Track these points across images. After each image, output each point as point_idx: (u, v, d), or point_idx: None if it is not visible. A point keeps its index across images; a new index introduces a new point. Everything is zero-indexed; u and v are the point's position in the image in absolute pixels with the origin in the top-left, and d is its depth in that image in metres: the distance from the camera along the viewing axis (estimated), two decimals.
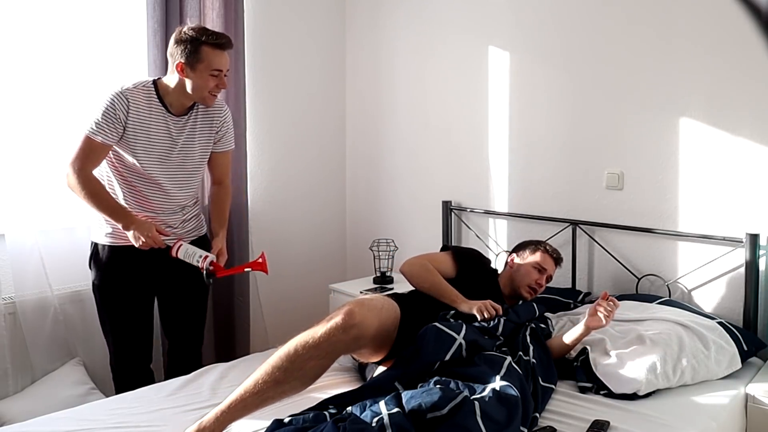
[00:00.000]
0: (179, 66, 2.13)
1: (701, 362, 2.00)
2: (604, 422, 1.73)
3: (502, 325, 2.10)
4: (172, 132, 2.24)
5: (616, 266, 2.60)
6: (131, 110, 2.15)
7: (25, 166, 2.50)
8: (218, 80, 2.18)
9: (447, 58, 3.12)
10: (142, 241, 2.12)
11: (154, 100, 2.20)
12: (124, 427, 1.74)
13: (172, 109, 2.23)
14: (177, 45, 2.13)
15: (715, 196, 2.35)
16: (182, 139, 2.26)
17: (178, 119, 2.25)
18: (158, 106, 2.21)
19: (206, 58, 2.13)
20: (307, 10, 3.39)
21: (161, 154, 2.23)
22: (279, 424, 1.62)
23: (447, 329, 1.92)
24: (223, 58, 2.17)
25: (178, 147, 2.26)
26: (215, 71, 2.16)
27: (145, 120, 2.18)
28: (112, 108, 2.12)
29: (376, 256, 3.19)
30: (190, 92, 2.19)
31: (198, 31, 2.13)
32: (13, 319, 2.46)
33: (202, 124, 2.32)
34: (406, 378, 1.81)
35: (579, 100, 2.67)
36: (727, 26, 2.25)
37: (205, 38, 2.12)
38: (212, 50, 2.14)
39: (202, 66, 2.13)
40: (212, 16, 2.84)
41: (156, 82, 2.23)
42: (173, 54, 2.15)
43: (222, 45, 2.16)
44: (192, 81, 2.16)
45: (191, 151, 2.31)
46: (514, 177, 2.92)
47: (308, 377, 1.74)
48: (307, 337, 1.73)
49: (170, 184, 2.28)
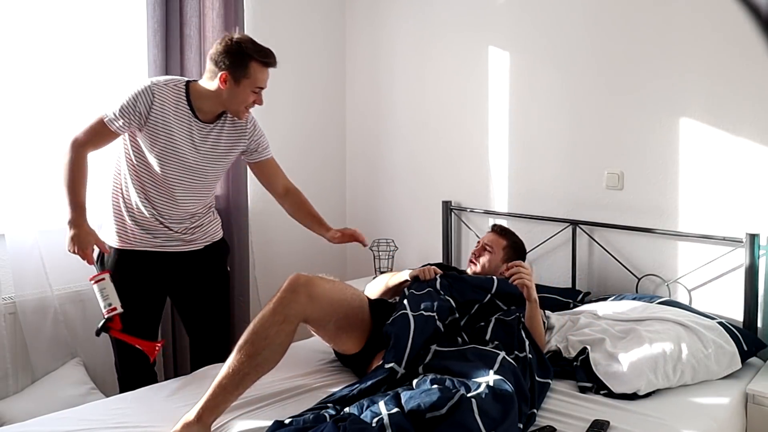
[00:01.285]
0: (223, 77, 2.07)
1: (701, 362, 2.00)
2: (604, 422, 1.73)
3: (438, 281, 2.20)
4: (195, 137, 2.17)
5: (616, 266, 2.60)
6: (155, 106, 2.09)
7: (25, 166, 2.50)
8: (257, 97, 2.15)
9: (447, 58, 3.12)
10: (74, 250, 2.08)
11: (183, 101, 2.14)
12: (124, 427, 1.74)
13: (200, 115, 2.17)
14: (225, 54, 2.06)
15: (715, 196, 2.35)
16: (205, 146, 2.20)
17: (204, 125, 2.19)
18: (185, 109, 2.14)
19: (253, 74, 2.08)
20: (307, 11, 3.39)
21: (180, 158, 2.16)
22: (279, 424, 1.62)
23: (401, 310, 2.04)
24: (267, 75, 2.14)
25: (198, 154, 2.19)
26: (258, 88, 2.12)
27: (169, 119, 2.12)
28: (134, 100, 2.07)
29: (376, 256, 3.19)
30: (226, 103, 2.14)
31: (248, 44, 2.07)
32: (13, 319, 2.46)
33: (228, 135, 2.25)
34: (398, 356, 1.87)
35: (579, 100, 2.67)
36: (727, 26, 2.25)
37: (255, 54, 2.07)
38: (260, 67, 2.09)
39: (247, 81, 2.09)
40: (212, 16, 2.84)
41: (189, 84, 2.17)
42: (218, 62, 2.07)
43: (270, 64, 2.12)
44: (231, 93, 2.10)
45: (211, 160, 2.23)
46: (514, 177, 2.92)
47: (275, 345, 1.77)
48: (263, 309, 1.82)
49: (182, 191, 2.21)
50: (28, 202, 2.50)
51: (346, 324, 2.01)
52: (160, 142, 2.13)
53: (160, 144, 2.14)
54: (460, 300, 2.17)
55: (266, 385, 1.98)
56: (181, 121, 2.14)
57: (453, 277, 2.26)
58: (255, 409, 1.84)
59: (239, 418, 1.79)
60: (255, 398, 1.89)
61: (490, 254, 2.46)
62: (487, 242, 2.49)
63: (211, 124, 2.21)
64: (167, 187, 2.19)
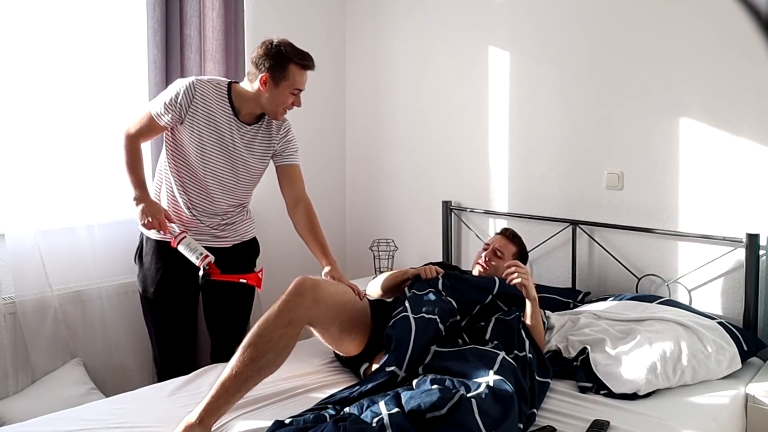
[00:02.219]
0: (263, 78, 2.15)
1: (701, 362, 2.00)
2: (604, 422, 1.73)
3: (440, 281, 2.19)
4: (235, 137, 2.25)
5: (616, 266, 2.60)
6: (195, 100, 2.18)
7: (25, 166, 2.49)
8: (295, 99, 2.22)
9: (447, 58, 3.12)
10: (148, 220, 2.15)
11: (225, 100, 2.22)
12: (124, 427, 1.74)
13: (240, 116, 2.25)
14: (265, 57, 2.14)
15: (715, 196, 2.35)
16: (241, 146, 2.27)
17: (243, 126, 2.27)
18: (227, 108, 2.23)
19: (291, 76, 2.16)
20: (307, 11, 3.39)
21: (218, 154, 2.24)
22: (279, 424, 1.62)
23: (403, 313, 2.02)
24: (305, 78, 2.21)
25: (236, 153, 2.27)
26: (296, 90, 2.20)
27: (210, 115, 2.21)
28: (176, 94, 2.17)
29: (376, 256, 3.19)
30: (265, 105, 2.21)
31: (287, 48, 2.16)
32: (13, 319, 2.46)
33: (263, 136, 2.32)
34: (399, 360, 1.86)
35: (579, 100, 2.67)
36: (727, 27, 2.25)
37: (294, 57, 2.15)
38: (299, 70, 2.17)
39: (286, 83, 2.16)
40: (212, 16, 2.84)
41: (230, 84, 2.25)
42: (259, 65, 2.16)
43: (308, 66, 2.19)
44: (271, 95, 2.18)
45: (246, 160, 2.30)
46: (514, 177, 2.92)
47: (279, 348, 1.76)
48: (268, 312, 1.80)
49: (216, 186, 2.29)
50: (28, 202, 2.50)
51: (349, 326, 2.01)
52: (201, 135, 2.22)
53: (199, 137, 2.22)
54: (462, 301, 2.17)
55: (266, 385, 1.98)
56: (221, 119, 2.23)
57: (455, 278, 2.25)
58: (255, 409, 1.84)
59: (239, 418, 1.79)
60: (255, 398, 1.89)
61: (500, 260, 2.44)
62: (499, 247, 2.47)
63: (249, 126, 2.28)
64: (202, 180, 2.27)
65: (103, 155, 2.70)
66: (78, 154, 2.62)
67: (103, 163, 2.70)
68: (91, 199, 2.66)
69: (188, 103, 2.17)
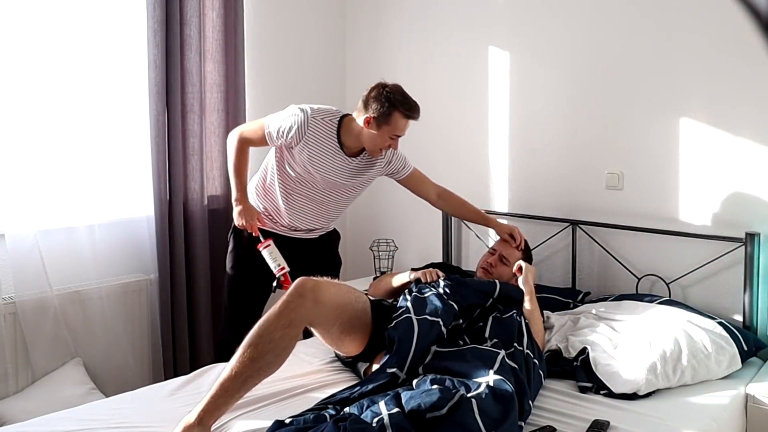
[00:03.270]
0: (367, 120, 2.25)
1: (701, 362, 2.00)
2: (604, 422, 1.73)
3: (442, 284, 2.18)
4: (338, 166, 2.36)
5: (616, 266, 2.60)
6: (307, 135, 2.28)
7: (25, 166, 2.50)
8: (393, 142, 2.31)
9: (447, 58, 3.12)
10: (242, 222, 2.34)
11: (333, 137, 2.32)
12: (124, 427, 1.74)
13: (346, 149, 2.35)
14: (375, 101, 2.23)
15: (715, 196, 2.35)
16: (341, 177, 2.38)
17: (347, 158, 2.37)
18: (334, 143, 2.33)
19: (395, 123, 2.25)
20: (307, 10, 3.39)
21: (320, 179, 2.36)
22: (280, 424, 1.62)
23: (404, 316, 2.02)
24: (407, 125, 2.30)
25: (336, 178, 2.38)
26: (395, 135, 2.29)
27: (316, 149, 2.31)
28: (289, 128, 2.27)
29: (376, 256, 3.19)
30: (365, 142, 2.31)
31: (397, 95, 2.24)
32: (13, 319, 2.46)
33: (365, 166, 2.43)
34: (401, 362, 1.87)
35: (579, 100, 2.67)
36: (727, 27, 2.25)
37: (401, 106, 2.24)
38: (403, 119, 2.26)
39: (388, 128, 2.25)
40: (212, 16, 2.84)
41: (343, 119, 2.34)
42: (368, 106, 2.25)
43: (413, 117, 2.29)
44: (371, 135, 2.27)
45: (343, 188, 2.43)
46: (514, 177, 2.92)
47: (279, 349, 1.76)
48: (269, 312, 1.80)
49: (313, 205, 2.43)
50: (28, 202, 2.50)
51: (349, 327, 2.00)
52: (309, 159, 2.31)
53: (307, 160, 2.32)
54: (463, 305, 2.15)
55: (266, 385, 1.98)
56: (327, 154, 2.33)
57: (456, 281, 2.25)
58: (255, 409, 1.84)
59: (239, 418, 1.79)
60: (255, 398, 1.89)
61: (506, 267, 2.42)
62: (505, 255, 2.45)
63: (353, 158, 2.39)
64: (300, 195, 2.41)
65: (103, 155, 2.70)
66: (78, 154, 2.62)
67: (103, 163, 2.70)
68: (91, 199, 2.66)
69: (300, 137, 2.27)
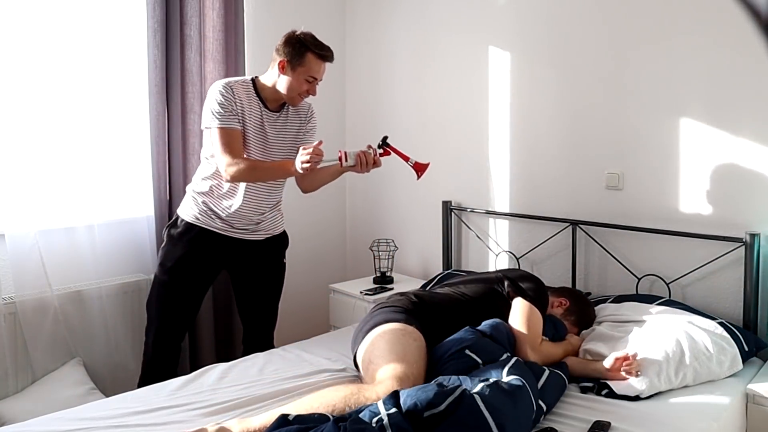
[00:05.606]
0: (282, 63, 2.28)
1: (703, 364, 1.99)
2: (605, 423, 1.73)
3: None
4: (266, 126, 2.37)
5: (616, 266, 2.60)
6: (236, 98, 2.29)
7: (25, 166, 2.50)
8: (310, 86, 2.33)
9: (447, 58, 3.12)
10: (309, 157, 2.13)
11: (253, 94, 2.35)
12: (124, 427, 1.74)
13: (268, 104, 2.38)
14: (286, 45, 2.28)
15: (715, 196, 2.35)
16: (274, 133, 2.39)
17: (272, 114, 2.39)
18: (256, 101, 2.35)
19: (308, 63, 2.28)
20: (307, 11, 3.39)
21: (256, 148, 2.34)
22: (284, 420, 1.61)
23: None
24: (321, 67, 2.32)
25: (269, 141, 2.37)
26: (311, 77, 2.31)
27: (246, 112, 2.31)
28: (222, 97, 2.26)
29: (376, 256, 3.19)
30: (283, 90, 2.32)
31: (308, 38, 2.30)
32: (13, 319, 2.46)
33: (291, 121, 2.45)
34: None
35: (579, 100, 2.67)
36: (727, 27, 2.25)
37: (313, 46, 2.28)
38: (315, 59, 2.29)
39: (301, 69, 2.29)
40: (212, 16, 2.84)
41: (254, 79, 2.38)
42: (279, 51, 2.29)
43: (325, 57, 2.31)
44: (288, 80, 2.30)
45: (281, 148, 2.41)
46: (514, 177, 2.92)
47: None
48: (351, 400, 1.73)
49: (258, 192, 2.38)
50: (28, 202, 2.50)
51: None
52: (247, 131, 2.32)
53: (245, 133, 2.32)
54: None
55: (267, 385, 1.99)
56: (255, 112, 2.34)
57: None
58: (255, 409, 1.84)
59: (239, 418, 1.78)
60: (255, 398, 1.89)
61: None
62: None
63: (277, 113, 2.40)
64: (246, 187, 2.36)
65: (104, 155, 2.70)
66: (78, 154, 2.62)
67: (103, 163, 2.70)
68: (91, 199, 2.66)
69: (232, 98, 2.27)
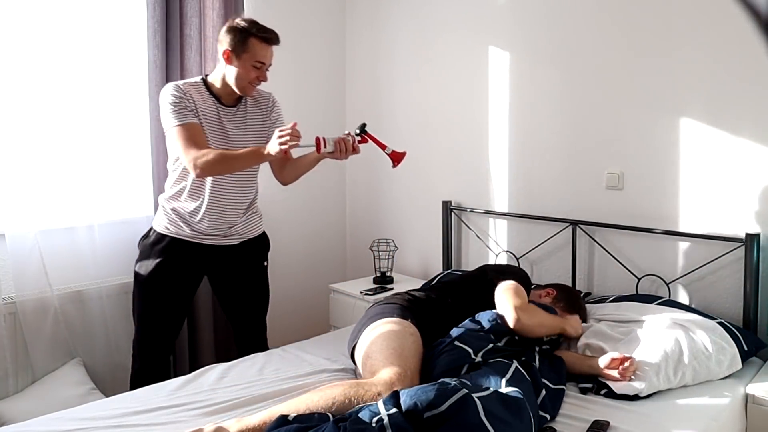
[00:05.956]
0: (226, 53, 2.22)
1: (702, 363, 1.99)
2: (604, 422, 1.73)
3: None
4: (224, 122, 2.31)
5: (616, 266, 2.60)
6: (187, 96, 2.23)
7: (25, 166, 2.50)
8: (259, 72, 2.26)
9: (447, 58, 3.12)
10: (285, 140, 2.10)
11: (205, 92, 2.29)
12: (124, 427, 1.74)
13: (223, 100, 2.32)
14: (227, 33, 2.22)
15: (715, 196, 2.35)
16: (234, 128, 2.33)
17: (229, 109, 2.33)
18: (209, 98, 2.29)
19: (252, 49, 2.21)
20: (307, 11, 3.39)
21: (217, 145, 2.27)
22: (284, 420, 1.61)
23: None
24: (267, 51, 2.25)
25: (230, 137, 2.31)
26: (258, 63, 2.24)
27: (200, 110, 2.25)
28: (174, 96, 2.21)
29: (376, 256, 3.19)
30: (232, 81, 2.26)
31: (249, 23, 2.22)
32: (13, 319, 2.46)
33: (252, 114, 2.39)
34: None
35: (579, 100, 2.67)
36: (727, 27, 2.25)
37: (255, 31, 2.21)
38: (259, 43, 2.22)
39: (246, 56, 2.22)
40: (212, 16, 2.84)
41: (204, 78, 2.33)
42: (222, 41, 2.23)
43: (269, 39, 2.24)
44: (235, 69, 2.24)
45: (245, 142, 2.34)
46: (514, 177, 2.92)
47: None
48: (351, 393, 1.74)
49: (230, 180, 2.32)
50: (28, 202, 2.50)
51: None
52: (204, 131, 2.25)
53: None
54: None
55: (266, 385, 1.99)
56: (209, 110, 2.28)
57: None
58: (255, 409, 1.84)
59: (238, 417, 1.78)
60: (255, 398, 1.89)
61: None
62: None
63: (234, 108, 2.34)
64: (213, 189, 2.30)
65: (104, 155, 2.70)
66: (78, 154, 2.62)
67: (104, 164, 2.70)
68: (91, 199, 2.66)
69: (184, 96, 2.21)
